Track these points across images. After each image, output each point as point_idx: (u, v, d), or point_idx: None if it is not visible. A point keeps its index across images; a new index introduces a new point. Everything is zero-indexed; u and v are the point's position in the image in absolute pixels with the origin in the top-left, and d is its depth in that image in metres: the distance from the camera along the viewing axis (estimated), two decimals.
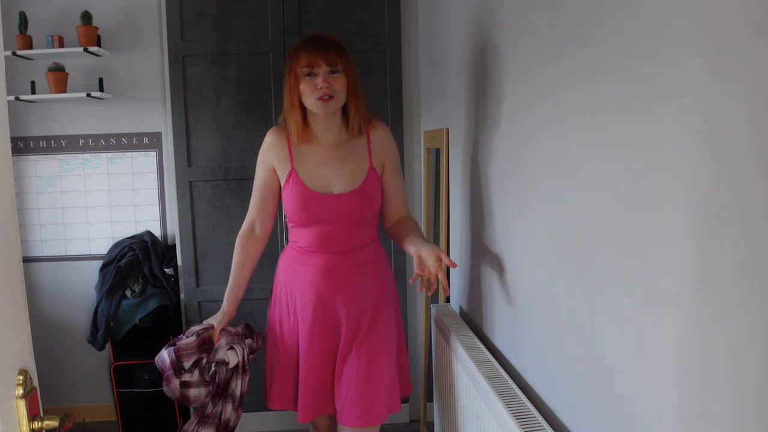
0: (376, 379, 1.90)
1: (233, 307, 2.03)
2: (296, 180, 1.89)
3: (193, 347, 1.92)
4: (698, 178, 0.84)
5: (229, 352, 1.96)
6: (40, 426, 0.95)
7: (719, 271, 0.80)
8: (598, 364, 1.18)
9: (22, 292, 0.99)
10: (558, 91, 1.32)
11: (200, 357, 1.92)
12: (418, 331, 3.12)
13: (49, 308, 3.24)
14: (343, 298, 1.91)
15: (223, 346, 1.96)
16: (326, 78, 1.79)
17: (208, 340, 1.95)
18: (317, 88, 1.79)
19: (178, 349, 1.91)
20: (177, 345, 1.93)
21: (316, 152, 1.91)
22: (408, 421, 3.12)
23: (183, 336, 1.95)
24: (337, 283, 1.91)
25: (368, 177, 1.91)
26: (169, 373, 1.91)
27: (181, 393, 1.92)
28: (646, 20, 0.96)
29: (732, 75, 0.76)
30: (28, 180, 3.19)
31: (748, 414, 0.77)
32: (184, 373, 1.91)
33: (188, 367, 1.91)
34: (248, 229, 2.02)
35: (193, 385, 1.92)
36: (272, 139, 1.94)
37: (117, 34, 3.10)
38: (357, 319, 1.92)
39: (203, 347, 1.93)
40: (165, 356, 1.92)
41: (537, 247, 1.49)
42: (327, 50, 1.80)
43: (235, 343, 1.97)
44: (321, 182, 1.88)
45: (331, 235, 1.89)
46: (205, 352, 1.94)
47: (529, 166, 1.52)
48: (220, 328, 1.97)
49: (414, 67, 3.04)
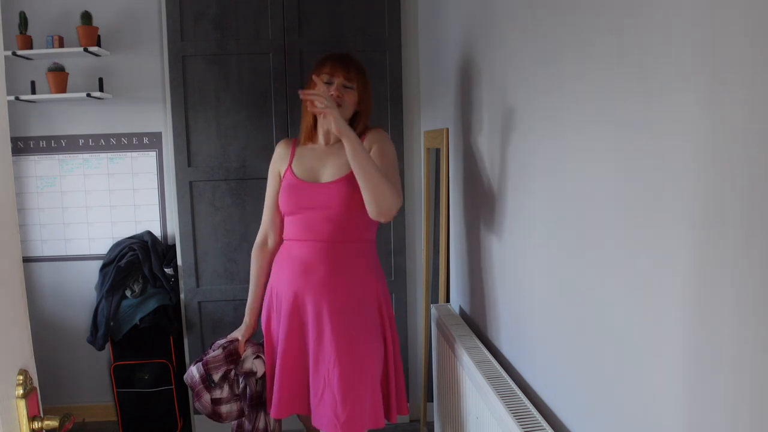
0: (352, 386, 1.86)
1: (255, 320, 2.10)
2: (290, 174, 1.98)
3: (221, 359, 1.98)
4: (699, 178, 0.84)
5: (256, 361, 2.03)
6: (40, 426, 0.95)
7: (721, 271, 0.80)
8: (598, 364, 1.18)
9: (22, 292, 0.99)
10: (558, 89, 1.32)
11: (228, 369, 1.98)
12: (418, 332, 3.12)
13: (49, 308, 3.24)
14: (316, 291, 1.89)
15: (250, 356, 2.03)
16: (339, 88, 1.91)
17: (234, 352, 2.02)
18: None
19: (206, 363, 1.97)
20: (204, 359, 1.98)
21: (314, 150, 2.00)
22: (408, 421, 3.12)
23: (209, 350, 2.01)
24: (313, 276, 1.90)
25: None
26: (200, 387, 1.97)
27: (213, 409, 1.98)
28: (648, 18, 0.96)
29: (732, 75, 0.76)
30: (28, 180, 3.19)
31: (749, 414, 0.77)
32: (214, 387, 1.96)
33: (217, 380, 1.96)
34: (262, 241, 2.10)
35: (224, 401, 1.98)
36: (280, 149, 2.08)
37: (117, 34, 3.10)
38: (335, 317, 1.89)
39: (230, 359, 2.00)
40: (194, 372, 1.98)
41: (537, 246, 1.49)
42: (349, 67, 1.94)
43: (260, 353, 2.04)
44: (311, 173, 1.97)
45: (315, 223, 1.91)
46: (233, 364, 2.00)
47: (528, 165, 1.52)
48: (245, 339, 2.05)
49: (414, 67, 3.04)
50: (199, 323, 3.03)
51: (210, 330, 3.03)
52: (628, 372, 1.05)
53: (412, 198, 3.07)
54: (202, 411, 1.99)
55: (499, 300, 1.82)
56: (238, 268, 3.00)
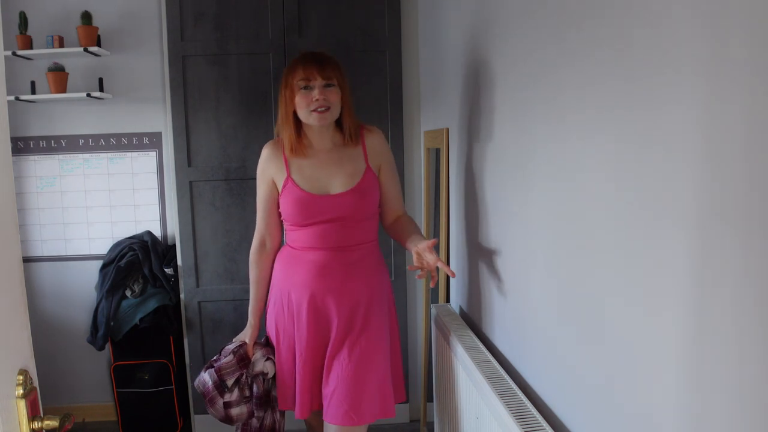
0: (365, 379, 1.90)
1: (258, 321, 2.11)
2: (292, 185, 1.94)
3: (234, 364, 2.00)
4: (699, 178, 0.84)
5: (266, 363, 2.04)
6: (40, 426, 0.95)
7: (721, 271, 0.80)
8: (598, 364, 1.18)
9: (22, 292, 0.99)
10: (558, 90, 1.32)
11: (241, 373, 2.01)
12: (418, 331, 3.12)
13: (49, 308, 3.24)
14: (337, 295, 1.93)
15: (260, 358, 2.04)
16: (322, 91, 1.85)
17: (245, 356, 2.04)
18: (314, 100, 1.85)
19: (219, 369, 1.99)
20: (217, 366, 2.00)
21: (311, 160, 1.96)
22: (408, 421, 3.12)
23: (220, 357, 2.03)
24: (332, 280, 1.93)
25: (366, 176, 1.96)
26: (213, 394, 1.99)
27: (226, 413, 2.00)
28: (648, 20, 0.96)
29: (732, 76, 0.76)
30: (28, 180, 3.19)
31: (749, 414, 0.77)
32: (227, 392, 1.99)
33: (230, 385, 1.99)
34: (259, 244, 2.08)
35: (234, 404, 2.00)
36: (268, 152, 2.02)
37: (117, 34, 3.10)
38: (349, 316, 1.93)
39: (242, 363, 2.02)
40: (207, 379, 2.00)
41: (537, 246, 1.49)
42: (323, 64, 1.87)
43: (270, 354, 2.05)
44: (318, 185, 1.94)
45: (328, 234, 1.92)
46: (245, 368, 2.02)
47: (529, 165, 1.52)
48: (252, 342, 2.06)
49: (414, 67, 3.04)
50: (199, 323, 3.03)
51: (210, 330, 3.03)
52: (628, 372, 1.05)
53: (412, 198, 3.07)
54: (215, 416, 2.02)
55: (499, 300, 1.82)
56: (238, 268, 3.00)
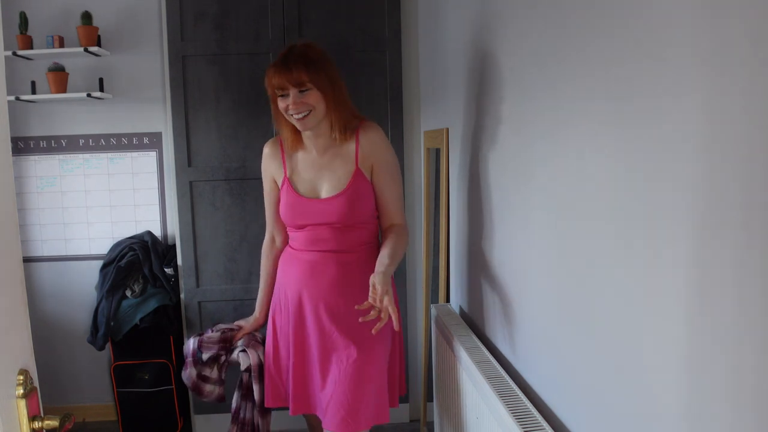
0: (362, 385, 1.87)
1: (264, 315, 2.13)
2: (288, 186, 1.95)
3: (215, 341, 2.07)
4: (699, 178, 0.84)
5: (241, 354, 2.06)
6: (40, 426, 0.96)
7: (721, 270, 0.80)
8: (598, 364, 1.18)
9: (22, 292, 0.99)
10: (558, 90, 1.32)
11: (218, 353, 2.06)
12: (418, 331, 3.12)
13: (49, 308, 3.24)
14: (330, 295, 1.91)
15: (238, 347, 2.07)
16: (296, 98, 1.80)
17: (229, 338, 2.09)
18: (290, 108, 1.82)
19: (201, 341, 2.07)
20: (201, 337, 2.08)
21: (307, 158, 1.96)
22: (408, 421, 3.12)
23: (210, 330, 2.11)
24: (324, 280, 1.91)
25: (354, 180, 1.89)
26: (189, 360, 2.07)
27: (195, 383, 2.07)
28: (648, 19, 0.96)
29: (731, 76, 0.76)
30: (28, 180, 3.19)
31: (748, 414, 0.77)
32: (204, 365, 2.05)
33: (206, 360, 2.05)
34: (269, 240, 2.13)
35: (210, 381, 2.07)
36: (268, 151, 2.04)
37: (117, 34, 3.10)
38: (345, 319, 1.89)
39: (223, 345, 2.07)
40: (190, 343, 2.10)
41: (537, 246, 1.49)
42: (291, 71, 1.78)
43: (250, 347, 2.07)
44: (310, 187, 1.93)
45: (321, 237, 1.92)
46: (224, 350, 2.07)
47: (529, 165, 1.52)
48: (245, 332, 2.11)
49: (414, 67, 3.04)
50: (199, 323, 3.03)
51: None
52: (629, 372, 1.05)
53: (412, 198, 3.07)
54: (185, 382, 2.09)
55: (499, 300, 1.82)
56: (238, 268, 3.00)
